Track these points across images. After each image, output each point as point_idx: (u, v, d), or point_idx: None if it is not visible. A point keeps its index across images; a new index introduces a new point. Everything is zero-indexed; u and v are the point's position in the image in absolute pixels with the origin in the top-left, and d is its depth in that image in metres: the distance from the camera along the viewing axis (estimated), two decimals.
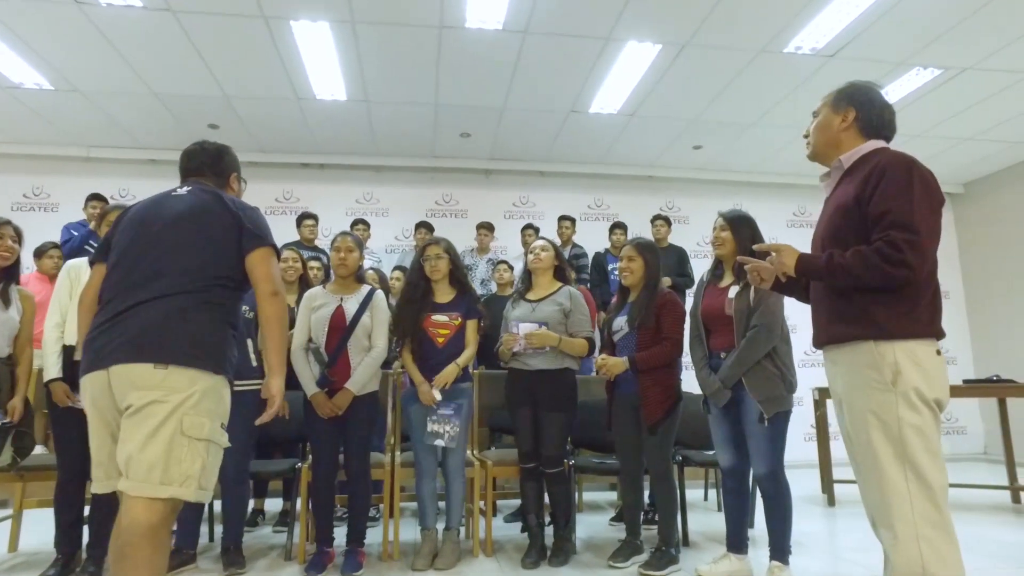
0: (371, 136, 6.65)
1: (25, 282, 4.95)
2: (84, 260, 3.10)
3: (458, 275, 3.36)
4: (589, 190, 7.58)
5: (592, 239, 6.91)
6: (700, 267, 6.76)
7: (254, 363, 3.23)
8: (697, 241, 7.60)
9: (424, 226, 6.29)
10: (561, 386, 3.26)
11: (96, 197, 5.77)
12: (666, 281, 5.78)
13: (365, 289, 3.28)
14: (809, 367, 7.62)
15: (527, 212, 7.45)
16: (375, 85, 5.58)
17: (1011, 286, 7.39)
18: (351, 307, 3.18)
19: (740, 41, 4.93)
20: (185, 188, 2.12)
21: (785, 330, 2.83)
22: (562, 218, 6.53)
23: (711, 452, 3.52)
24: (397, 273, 5.55)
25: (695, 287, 3.15)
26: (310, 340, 3.17)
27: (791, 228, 8.02)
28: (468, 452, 3.68)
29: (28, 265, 5.34)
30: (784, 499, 2.75)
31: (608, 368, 3.14)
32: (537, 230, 6.43)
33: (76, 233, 5.61)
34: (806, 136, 2.04)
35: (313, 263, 5.34)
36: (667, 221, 6.57)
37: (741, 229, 2.91)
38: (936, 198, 1.71)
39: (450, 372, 3.22)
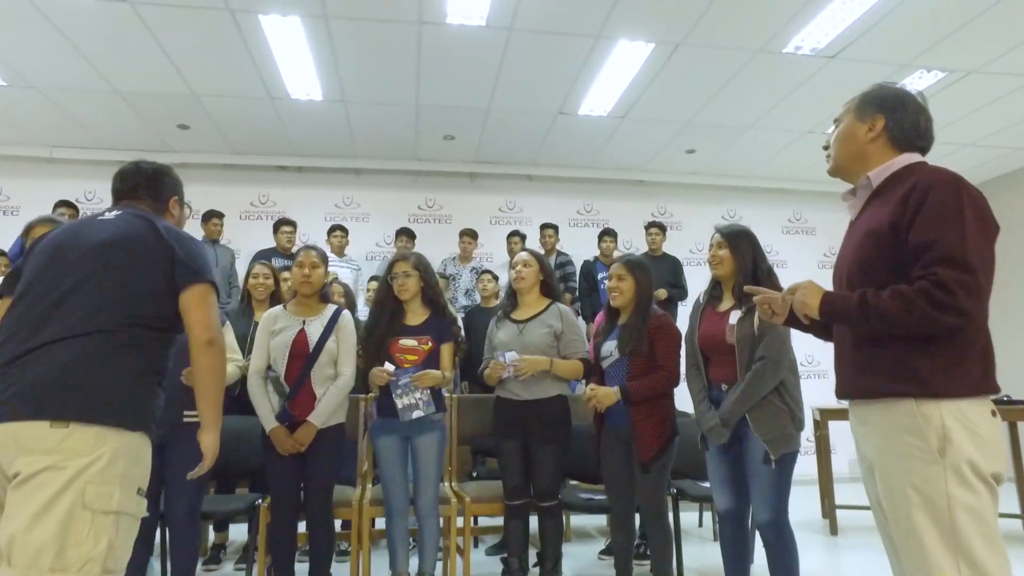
0: (350, 138, 6.33)
1: None
2: None
3: (431, 294, 3.04)
4: (578, 195, 7.28)
5: (581, 246, 6.65)
6: (694, 276, 6.53)
7: None
8: (690, 248, 7.32)
9: (405, 233, 5.99)
10: (553, 415, 2.98)
11: (65, 204, 5.42)
12: (660, 293, 5.51)
13: (330, 310, 2.97)
14: (805, 379, 7.38)
15: (513, 218, 7.14)
16: (352, 84, 5.27)
17: (1014, 298, 7.16)
18: (315, 331, 2.87)
19: (738, 40, 4.66)
20: (114, 212, 1.83)
21: (793, 360, 2.55)
22: (544, 226, 6.23)
23: (708, 484, 3.24)
24: (374, 284, 5.24)
25: (691, 311, 2.84)
26: (269, 367, 2.86)
27: (787, 235, 7.77)
28: (444, 484, 3.39)
29: None
30: (788, 550, 2.47)
31: (598, 399, 2.85)
32: (524, 237, 6.15)
33: None
34: (826, 148, 1.75)
35: (287, 274, 5.03)
36: (662, 228, 6.29)
37: (740, 246, 2.62)
38: (991, 226, 1.43)
39: (432, 375, 2.89)
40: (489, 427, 3.31)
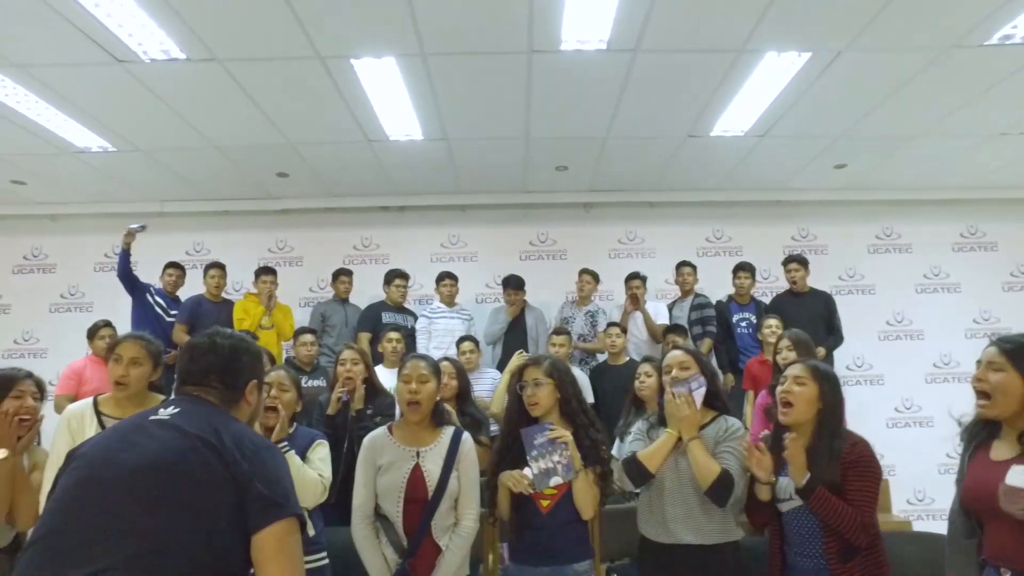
0: (454, 174, 5.87)
1: (81, 368, 4.52)
2: (88, 404, 2.43)
3: (569, 408, 2.37)
4: (706, 221, 6.44)
5: (712, 280, 5.82)
6: (846, 307, 5.52)
7: (311, 531, 2.44)
8: (839, 275, 6.29)
9: (511, 283, 5.31)
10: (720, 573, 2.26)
11: (173, 265, 5.47)
12: (820, 352, 4.51)
13: (447, 434, 2.38)
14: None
15: (634, 249, 6.42)
16: (454, 122, 4.79)
17: None
18: (432, 465, 2.29)
19: (921, 39, 3.75)
20: (171, 410, 1.40)
21: None
22: (681, 265, 5.49)
23: None
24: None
25: (960, 456, 1.96)
26: (378, 510, 2.31)
27: (959, 252, 6.52)
28: None
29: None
30: None
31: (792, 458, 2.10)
32: (644, 279, 5.36)
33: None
34: None
35: (393, 335, 4.57)
36: (803, 263, 5.34)
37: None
38: None
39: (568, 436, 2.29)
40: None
